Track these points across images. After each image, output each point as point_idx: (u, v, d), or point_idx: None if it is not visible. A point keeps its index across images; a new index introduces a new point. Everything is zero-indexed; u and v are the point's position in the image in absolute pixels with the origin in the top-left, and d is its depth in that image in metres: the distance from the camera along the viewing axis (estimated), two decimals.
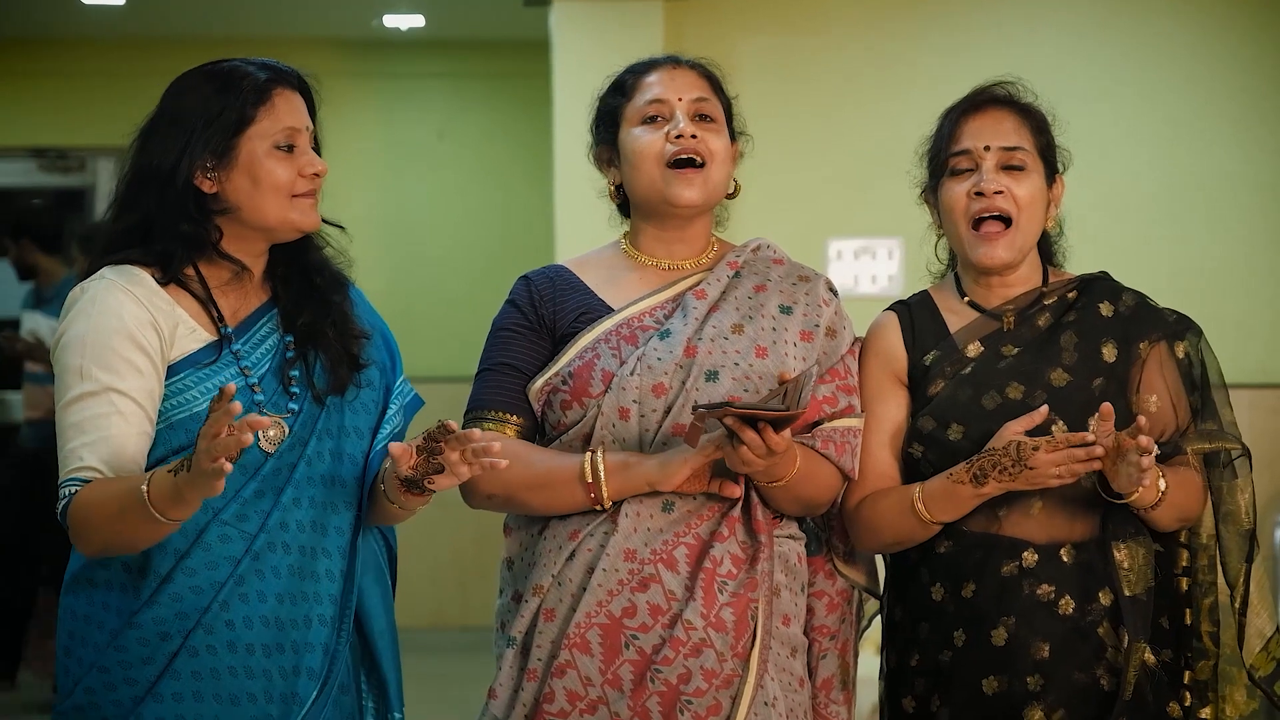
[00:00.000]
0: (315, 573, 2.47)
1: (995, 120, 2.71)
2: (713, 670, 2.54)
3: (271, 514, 2.44)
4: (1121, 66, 6.31)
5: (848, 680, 2.75)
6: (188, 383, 2.44)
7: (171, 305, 2.44)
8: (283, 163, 2.47)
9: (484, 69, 8.04)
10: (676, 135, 2.65)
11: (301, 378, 2.50)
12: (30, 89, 7.91)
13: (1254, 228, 6.29)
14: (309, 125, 2.52)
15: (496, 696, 2.60)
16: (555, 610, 2.58)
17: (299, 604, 2.45)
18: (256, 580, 2.42)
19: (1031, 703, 2.60)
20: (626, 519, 2.56)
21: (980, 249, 2.69)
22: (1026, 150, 2.69)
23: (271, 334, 2.52)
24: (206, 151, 2.46)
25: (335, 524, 2.50)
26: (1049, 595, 2.61)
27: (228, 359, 2.46)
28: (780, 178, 6.09)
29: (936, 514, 2.62)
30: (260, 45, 7.72)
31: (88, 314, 2.41)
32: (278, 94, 2.50)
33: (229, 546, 2.42)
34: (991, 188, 2.66)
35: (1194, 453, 2.65)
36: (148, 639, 2.40)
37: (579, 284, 2.72)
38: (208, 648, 2.40)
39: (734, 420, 2.41)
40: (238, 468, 2.31)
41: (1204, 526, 2.69)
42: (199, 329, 2.46)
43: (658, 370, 2.60)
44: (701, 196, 2.67)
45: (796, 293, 2.72)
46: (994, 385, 2.66)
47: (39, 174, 8.15)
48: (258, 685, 2.42)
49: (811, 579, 2.72)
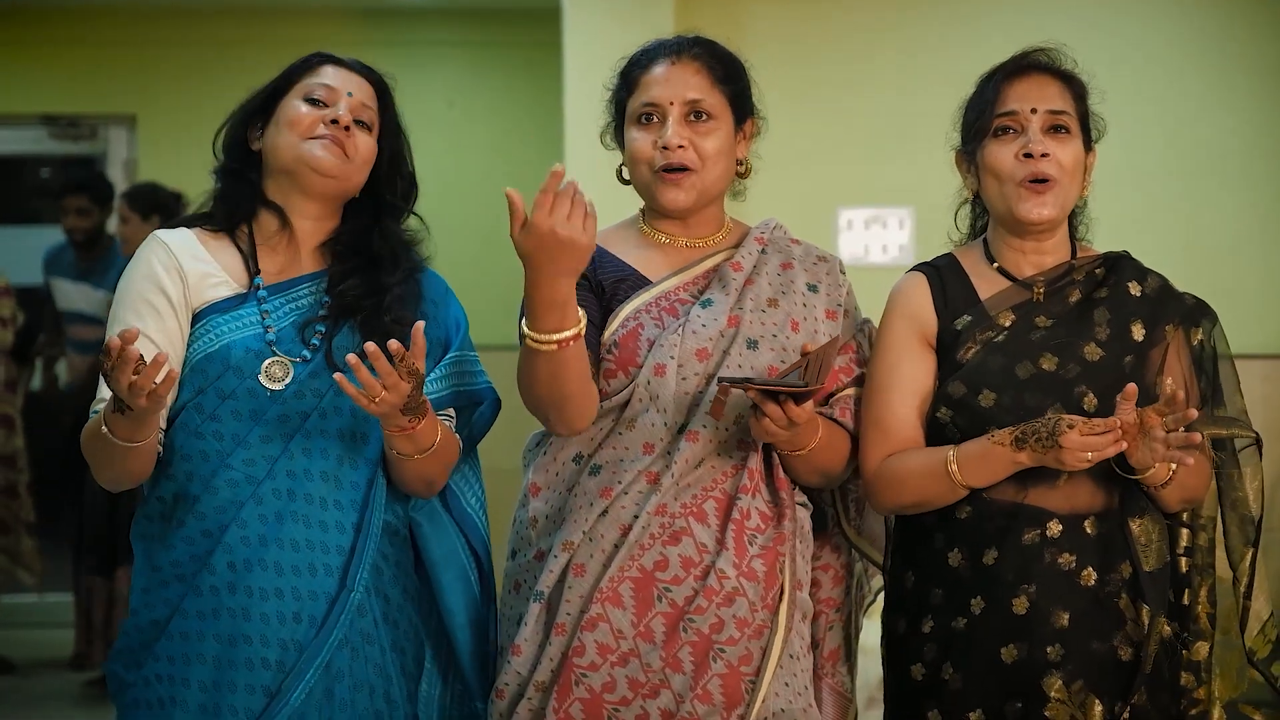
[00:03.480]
0: (325, 522, 2.55)
1: (1040, 84, 2.71)
2: (745, 619, 2.58)
3: (279, 461, 2.53)
4: (1137, 35, 6.28)
5: (851, 652, 2.81)
6: (209, 326, 2.56)
7: (207, 258, 2.60)
8: (306, 108, 2.61)
9: (495, 38, 8.02)
10: (663, 146, 2.68)
11: (325, 335, 2.58)
12: (41, 56, 7.90)
13: (1270, 199, 6.27)
14: (360, 96, 2.64)
15: (520, 653, 2.61)
16: (586, 566, 2.60)
17: (302, 551, 2.53)
18: (259, 525, 2.52)
19: (1051, 672, 2.60)
20: (670, 478, 2.60)
21: (1028, 202, 2.67)
22: (1070, 115, 2.70)
23: (309, 295, 2.62)
24: (256, 114, 2.66)
25: (351, 478, 2.57)
26: (1070, 565, 2.62)
27: (251, 306, 2.58)
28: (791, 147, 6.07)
29: (968, 477, 2.61)
30: (271, 14, 7.72)
31: (128, 269, 2.62)
32: (326, 66, 2.66)
33: (236, 491, 2.52)
34: (1040, 149, 2.66)
35: (1207, 437, 2.64)
36: (167, 580, 2.55)
37: (609, 254, 2.74)
38: (210, 589, 2.52)
39: (756, 393, 2.47)
40: (246, 413, 2.51)
41: (1204, 507, 2.70)
42: (229, 280, 2.60)
43: (702, 336, 2.65)
44: (690, 200, 2.71)
45: (819, 272, 2.77)
46: (1027, 355, 2.66)
47: (50, 141, 8.14)
48: (254, 628, 2.50)
49: (817, 553, 2.77)
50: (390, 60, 2.95)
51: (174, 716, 2.52)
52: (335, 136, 2.60)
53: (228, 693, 2.50)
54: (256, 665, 2.50)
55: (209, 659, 2.52)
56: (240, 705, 2.50)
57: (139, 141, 7.95)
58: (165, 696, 2.53)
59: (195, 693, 2.51)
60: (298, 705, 2.50)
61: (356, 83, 2.66)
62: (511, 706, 2.61)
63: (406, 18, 8.01)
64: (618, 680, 2.57)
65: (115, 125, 8.02)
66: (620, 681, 2.56)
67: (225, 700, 2.50)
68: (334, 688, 2.53)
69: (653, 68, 2.73)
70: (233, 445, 2.53)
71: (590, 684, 2.56)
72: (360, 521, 2.57)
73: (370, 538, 2.57)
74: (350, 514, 2.56)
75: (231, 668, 2.51)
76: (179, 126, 7.69)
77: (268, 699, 2.50)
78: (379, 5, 7.90)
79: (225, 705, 2.50)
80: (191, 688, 2.52)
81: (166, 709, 2.52)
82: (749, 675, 2.59)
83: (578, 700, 2.56)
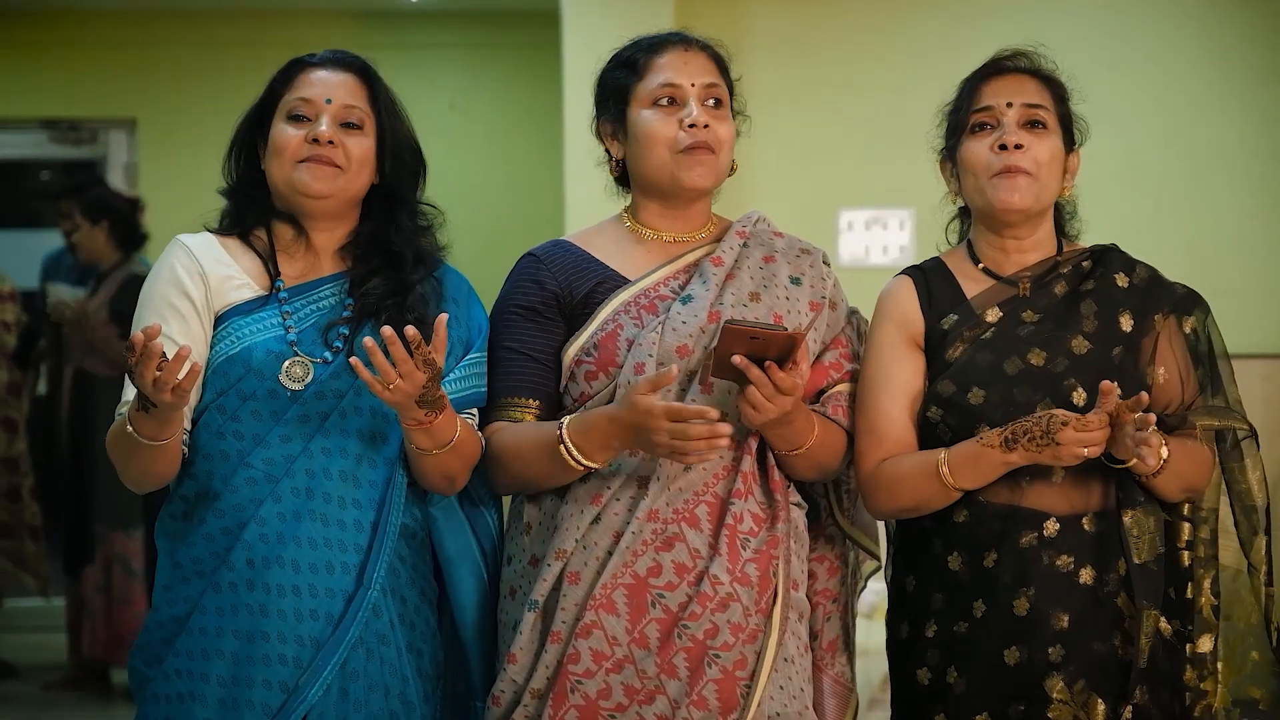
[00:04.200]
0: (343, 521, 2.57)
1: (1017, 82, 2.72)
2: (739, 624, 2.58)
3: (298, 460, 2.56)
4: (1137, 36, 6.28)
5: (849, 641, 2.81)
6: (231, 329, 2.58)
7: (228, 261, 2.63)
8: (290, 130, 2.61)
9: (495, 40, 8.02)
10: (690, 124, 2.67)
11: (349, 337, 2.60)
12: (42, 60, 7.90)
13: (1270, 199, 6.27)
14: (339, 100, 2.62)
15: (516, 661, 2.61)
16: (580, 574, 2.59)
17: (320, 549, 2.55)
18: (278, 523, 2.54)
19: (1052, 673, 2.60)
20: (657, 482, 2.59)
21: (1001, 190, 2.67)
22: (1047, 110, 2.70)
23: (332, 296, 2.64)
24: (255, 132, 2.67)
25: (370, 477, 2.59)
26: (1069, 566, 2.62)
27: (272, 308, 2.60)
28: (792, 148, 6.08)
29: (960, 480, 2.61)
30: (272, 17, 7.73)
31: (152, 272, 2.64)
32: (304, 74, 2.64)
33: (255, 489, 2.55)
34: (1013, 140, 2.66)
35: (1202, 428, 2.65)
36: (188, 577, 2.58)
37: (588, 257, 2.73)
38: (230, 585, 2.54)
39: (742, 359, 2.46)
40: (266, 413, 2.54)
41: (1204, 499, 2.70)
42: (251, 283, 2.62)
43: (682, 333, 2.63)
44: (712, 182, 2.72)
45: (802, 264, 2.76)
46: (1015, 350, 2.66)
47: (50, 145, 8.15)
48: (271, 624, 2.53)
49: (812, 545, 2.77)
50: (391, 62, 2.95)
51: (194, 711, 2.54)
52: (320, 156, 2.60)
53: (246, 688, 2.53)
54: (274, 661, 2.53)
55: (228, 655, 2.54)
56: (258, 701, 2.52)
57: (139, 145, 7.95)
58: (185, 691, 2.55)
59: (214, 688, 2.54)
60: (315, 702, 2.52)
61: (336, 83, 2.64)
62: (507, 713, 2.60)
63: (407, 20, 8.02)
64: (613, 687, 2.55)
65: (115, 129, 8.02)
66: (616, 688, 2.55)
67: (243, 696, 2.53)
68: (349, 687, 2.55)
69: (665, 52, 2.72)
70: (253, 445, 2.55)
71: (586, 691, 2.55)
72: (378, 520, 2.58)
73: (387, 537, 2.58)
74: (368, 513, 2.58)
75: (250, 664, 2.53)
76: (179, 130, 7.70)
77: (285, 695, 2.52)
78: (380, 7, 7.91)
79: (243, 700, 2.52)
80: (211, 683, 2.54)
81: (186, 704, 2.55)
82: (744, 680, 2.58)
83: (573, 708, 2.55)
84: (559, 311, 2.69)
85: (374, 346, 2.40)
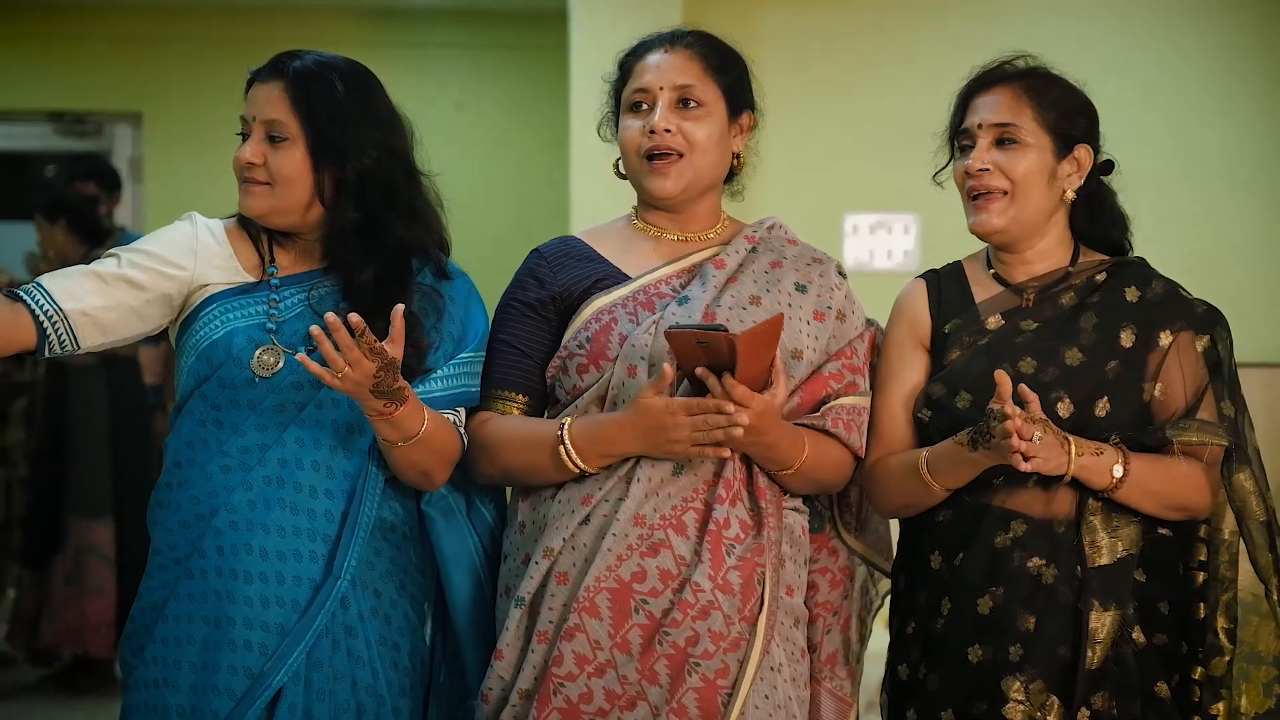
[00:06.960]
0: (314, 510, 2.59)
1: (991, 98, 2.71)
2: (720, 633, 2.56)
3: (271, 449, 2.58)
4: (1143, 45, 6.28)
5: (850, 656, 2.78)
6: (215, 313, 2.60)
7: (225, 247, 2.64)
8: (238, 149, 2.62)
9: (502, 40, 8.02)
10: (650, 129, 2.66)
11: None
12: (48, 53, 7.90)
13: (1273, 208, 6.26)
14: (261, 115, 2.60)
15: (502, 657, 2.61)
16: (567, 574, 2.59)
17: (289, 537, 2.57)
18: (247, 510, 2.56)
19: (1011, 673, 2.60)
20: (639, 485, 2.58)
21: (973, 216, 2.71)
22: (1021, 125, 2.68)
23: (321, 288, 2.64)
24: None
25: (343, 468, 2.60)
26: (1038, 568, 2.62)
27: (259, 295, 2.62)
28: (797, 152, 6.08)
29: (940, 478, 2.63)
30: (280, 13, 7.72)
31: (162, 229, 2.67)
32: (253, 90, 2.63)
33: (228, 476, 2.57)
34: (976, 164, 2.68)
35: (1179, 444, 2.62)
36: (165, 564, 2.61)
37: (593, 253, 2.73)
38: (200, 571, 2.58)
39: (704, 369, 2.45)
40: (244, 402, 2.57)
41: (1226, 522, 2.67)
42: (241, 270, 2.64)
43: None
44: (677, 188, 2.69)
45: (811, 273, 2.74)
46: (1007, 358, 2.66)
47: (56, 138, 8.15)
48: (239, 611, 2.55)
49: (815, 555, 2.75)
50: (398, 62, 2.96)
51: (167, 697, 2.57)
52: (249, 177, 2.61)
53: (214, 674, 2.55)
54: (240, 647, 2.55)
55: (198, 640, 2.57)
56: (224, 686, 2.54)
57: (144, 139, 7.96)
58: (160, 678, 2.58)
59: (186, 674, 2.57)
60: (280, 689, 2.54)
61: (262, 97, 2.60)
62: (496, 711, 2.61)
63: (414, 20, 8.01)
64: (595, 691, 2.55)
65: (121, 122, 8.02)
66: (597, 693, 2.55)
67: (211, 681, 2.55)
68: (313, 676, 2.57)
69: (646, 56, 2.71)
70: (230, 432, 2.58)
71: (568, 694, 2.55)
72: (349, 511, 2.60)
73: (359, 528, 2.59)
74: (339, 503, 2.60)
75: (218, 649, 2.55)
76: (184, 124, 7.70)
77: (250, 681, 2.54)
78: (387, 6, 7.90)
79: (211, 686, 2.55)
80: (183, 669, 2.57)
81: (161, 690, 2.58)
82: (725, 689, 2.56)
83: (556, 710, 2.54)
84: (556, 310, 2.70)
85: (320, 334, 2.40)
